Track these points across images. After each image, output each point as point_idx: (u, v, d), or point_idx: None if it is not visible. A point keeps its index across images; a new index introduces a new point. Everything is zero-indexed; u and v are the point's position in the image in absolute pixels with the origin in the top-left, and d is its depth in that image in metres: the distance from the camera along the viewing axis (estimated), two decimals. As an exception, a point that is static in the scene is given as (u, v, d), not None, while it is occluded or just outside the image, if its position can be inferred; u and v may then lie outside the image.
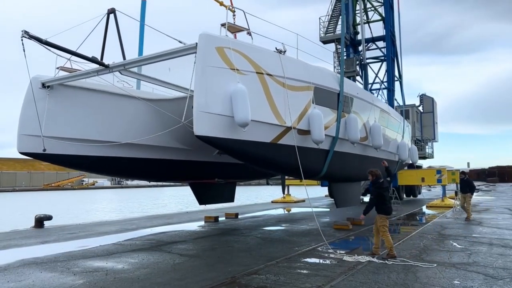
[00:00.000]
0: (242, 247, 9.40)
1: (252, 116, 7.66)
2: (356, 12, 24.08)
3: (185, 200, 34.93)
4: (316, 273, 6.78)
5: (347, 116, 11.44)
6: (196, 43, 7.53)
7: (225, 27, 8.39)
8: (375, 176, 8.11)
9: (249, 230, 12.44)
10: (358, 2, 23.54)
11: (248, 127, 7.68)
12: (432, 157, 29.65)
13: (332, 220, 14.21)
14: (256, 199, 34.76)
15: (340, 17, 20.48)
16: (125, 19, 8.97)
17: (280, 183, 23.96)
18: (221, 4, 11.54)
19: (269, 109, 8.57)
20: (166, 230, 12.47)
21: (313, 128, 9.62)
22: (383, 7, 23.72)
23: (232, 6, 10.88)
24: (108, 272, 6.99)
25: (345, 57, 20.16)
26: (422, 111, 29.23)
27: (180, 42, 9.02)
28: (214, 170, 13.11)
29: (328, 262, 7.68)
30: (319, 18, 23.06)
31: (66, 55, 8.67)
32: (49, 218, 13.92)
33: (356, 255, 7.93)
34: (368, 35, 23.59)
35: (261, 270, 6.98)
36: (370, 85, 23.76)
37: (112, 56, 8.85)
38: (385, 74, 23.01)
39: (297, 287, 5.94)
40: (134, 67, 8.96)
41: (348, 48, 23.29)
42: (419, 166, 26.04)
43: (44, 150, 9.28)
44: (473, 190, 14.76)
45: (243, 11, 9.43)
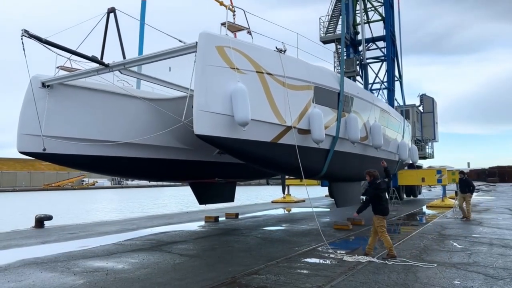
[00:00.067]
0: (242, 247, 9.39)
1: (252, 115, 7.65)
2: (356, 12, 24.06)
3: (185, 200, 34.91)
4: (316, 273, 6.77)
5: (347, 116, 11.43)
6: (196, 42, 7.52)
7: (225, 26, 8.38)
8: (373, 176, 8.09)
9: (249, 230, 12.43)
10: (358, 2, 23.53)
11: (248, 126, 7.67)
12: (432, 157, 29.66)
13: (332, 220, 14.20)
14: (256, 199, 34.74)
15: (340, 17, 20.51)
16: (125, 19, 8.96)
17: (280, 183, 23.96)
18: (221, 3, 11.53)
19: (269, 108, 8.56)
20: (166, 230, 12.46)
21: (313, 128, 9.60)
22: (383, 7, 23.71)
23: (232, 6, 10.87)
24: (108, 272, 6.98)
25: (345, 57, 20.14)
26: (422, 111, 29.22)
27: (180, 41, 9.02)
28: (214, 169, 13.10)
29: (328, 262, 7.67)
30: (319, 18, 23.10)
31: (66, 54, 8.67)
32: (49, 218, 13.91)
33: (356, 255, 7.92)
34: (368, 35, 23.57)
35: (261, 270, 6.97)
36: (370, 85, 23.75)
37: (112, 56, 8.85)
38: (385, 74, 22.99)
39: (297, 287, 5.93)
40: (134, 66, 8.94)
41: (348, 48, 23.27)
42: (419, 166, 26.02)
43: (44, 149, 9.27)
44: (472, 190, 14.68)
45: (243, 10, 9.43)
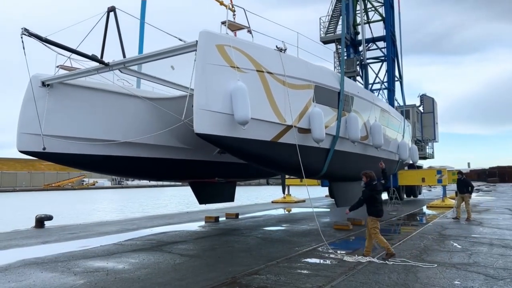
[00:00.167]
0: (243, 247, 9.37)
1: (252, 114, 7.63)
2: (357, 12, 24.07)
3: (185, 200, 34.90)
4: (316, 273, 6.75)
5: (347, 115, 11.42)
6: (196, 41, 7.49)
7: (225, 25, 8.37)
8: (369, 178, 8.06)
9: (249, 230, 12.41)
10: (359, 2, 23.52)
11: (248, 125, 7.65)
12: (433, 157, 29.64)
13: (333, 220, 14.17)
14: (256, 199, 34.72)
15: (341, 17, 20.50)
16: (125, 18, 8.94)
17: (280, 183, 23.94)
18: (221, 3, 11.50)
19: (269, 107, 8.54)
20: (166, 230, 12.44)
21: (313, 127, 9.59)
22: (383, 7, 23.70)
23: (232, 6, 10.86)
24: (108, 272, 6.96)
25: (345, 57, 20.12)
26: (422, 111, 29.20)
27: (180, 40, 9.01)
28: (214, 169, 13.08)
29: (328, 262, 7.65)
30: (320, 18, 23.10)
31: (66, 53, 8.65)
32: (49, 218, 13.89)
33: (356, 255, 7.90)
34: (368, 35, 23.56)
35: (261, 270, 6.95)
36: (371, 85, 23.75)
37: (112, 55, 8.82)
38: (385, 74, 22.97)
39: (297, 287, 5.91)
40: (134, 65, 8.92)
41: (349, 48, 23.25)
42: (419, 166, 26.01)
43: (44, 148, 9.25)
44: (471, 190, 14.41)
45: (244, 9, 9.42)
